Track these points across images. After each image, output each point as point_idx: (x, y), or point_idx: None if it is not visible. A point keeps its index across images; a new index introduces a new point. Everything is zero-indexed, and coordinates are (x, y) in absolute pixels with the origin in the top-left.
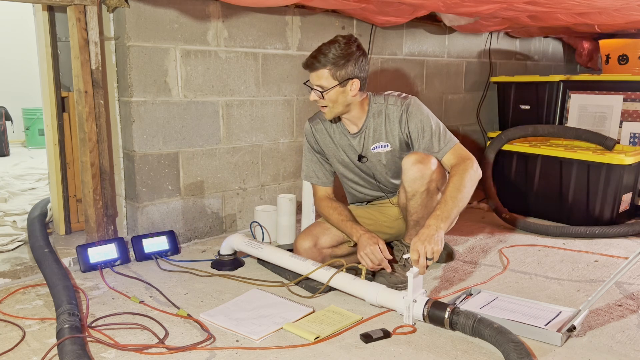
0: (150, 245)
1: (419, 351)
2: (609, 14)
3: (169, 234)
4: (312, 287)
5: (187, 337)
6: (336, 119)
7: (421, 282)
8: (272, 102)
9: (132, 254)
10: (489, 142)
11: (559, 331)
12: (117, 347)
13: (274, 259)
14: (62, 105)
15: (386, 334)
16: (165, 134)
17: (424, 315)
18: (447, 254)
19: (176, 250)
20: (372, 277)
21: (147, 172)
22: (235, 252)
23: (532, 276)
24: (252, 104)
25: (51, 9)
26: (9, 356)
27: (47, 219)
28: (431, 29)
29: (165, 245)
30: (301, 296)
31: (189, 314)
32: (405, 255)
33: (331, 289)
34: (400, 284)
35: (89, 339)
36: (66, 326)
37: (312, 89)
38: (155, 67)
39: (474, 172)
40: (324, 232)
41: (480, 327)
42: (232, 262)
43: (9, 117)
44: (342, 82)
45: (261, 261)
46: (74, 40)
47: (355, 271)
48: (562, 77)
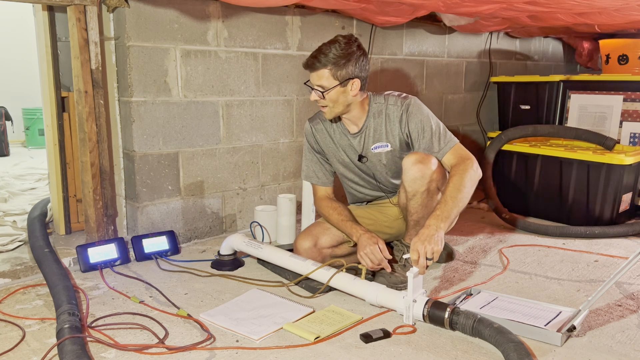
0: (150, 245)
1: (419, 351)
2: (609, 14)
3: (169, 234)
4: (312, 287)
5: (187, 337)
6: (336, 119)
7: (421, 282)
8: (272, 102)
9: (132, 254)
10: (489, 142)
11: (559, 331)
12: (117, 347)
13: (274, 259)
14: (62, 105)
15: (386, 334)
16: (165, 134)
17: (424, 315)
18: (447, 254)
19: (176, 250)
20: (372, 277)
21: (147, 172)
22: (235, 252)
23: (532, 276)
24: (252, 104)
25: (51, 9)
26: (9, 356)
27: (47, 219)
28: (431, 29)
29: (165, 245)
30: (301, 296)
31: (189, 314)
32: (405, 255)
33: (331, 289)
34: (400, 284)
35: (89, 339)
36: (66, 326)
37: (312, 89)
38: (155, 67)
39: (474, 172)
40: (324, 232)
41: (480, 327)
42: (232, 262)
43: (9, 117)
44: (343, 82)
45: (261, 261)
46: (74, 40)
47: (355, 271)
48: (562, 77)
